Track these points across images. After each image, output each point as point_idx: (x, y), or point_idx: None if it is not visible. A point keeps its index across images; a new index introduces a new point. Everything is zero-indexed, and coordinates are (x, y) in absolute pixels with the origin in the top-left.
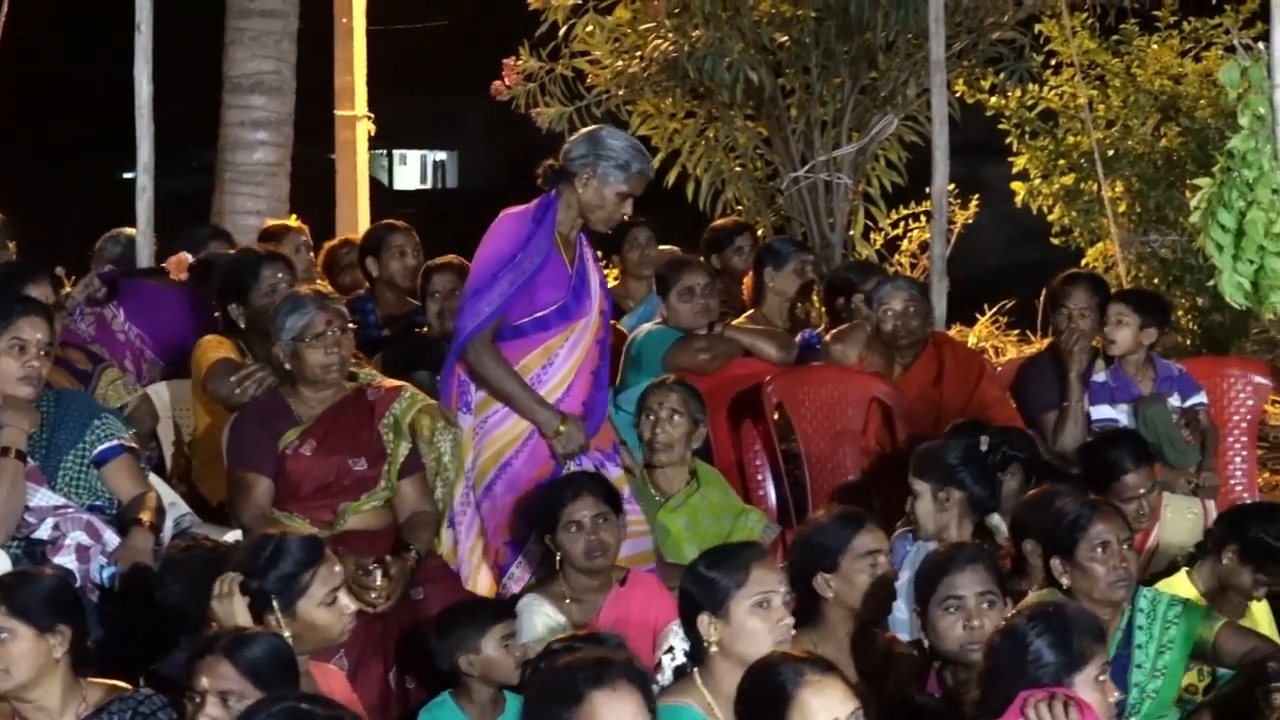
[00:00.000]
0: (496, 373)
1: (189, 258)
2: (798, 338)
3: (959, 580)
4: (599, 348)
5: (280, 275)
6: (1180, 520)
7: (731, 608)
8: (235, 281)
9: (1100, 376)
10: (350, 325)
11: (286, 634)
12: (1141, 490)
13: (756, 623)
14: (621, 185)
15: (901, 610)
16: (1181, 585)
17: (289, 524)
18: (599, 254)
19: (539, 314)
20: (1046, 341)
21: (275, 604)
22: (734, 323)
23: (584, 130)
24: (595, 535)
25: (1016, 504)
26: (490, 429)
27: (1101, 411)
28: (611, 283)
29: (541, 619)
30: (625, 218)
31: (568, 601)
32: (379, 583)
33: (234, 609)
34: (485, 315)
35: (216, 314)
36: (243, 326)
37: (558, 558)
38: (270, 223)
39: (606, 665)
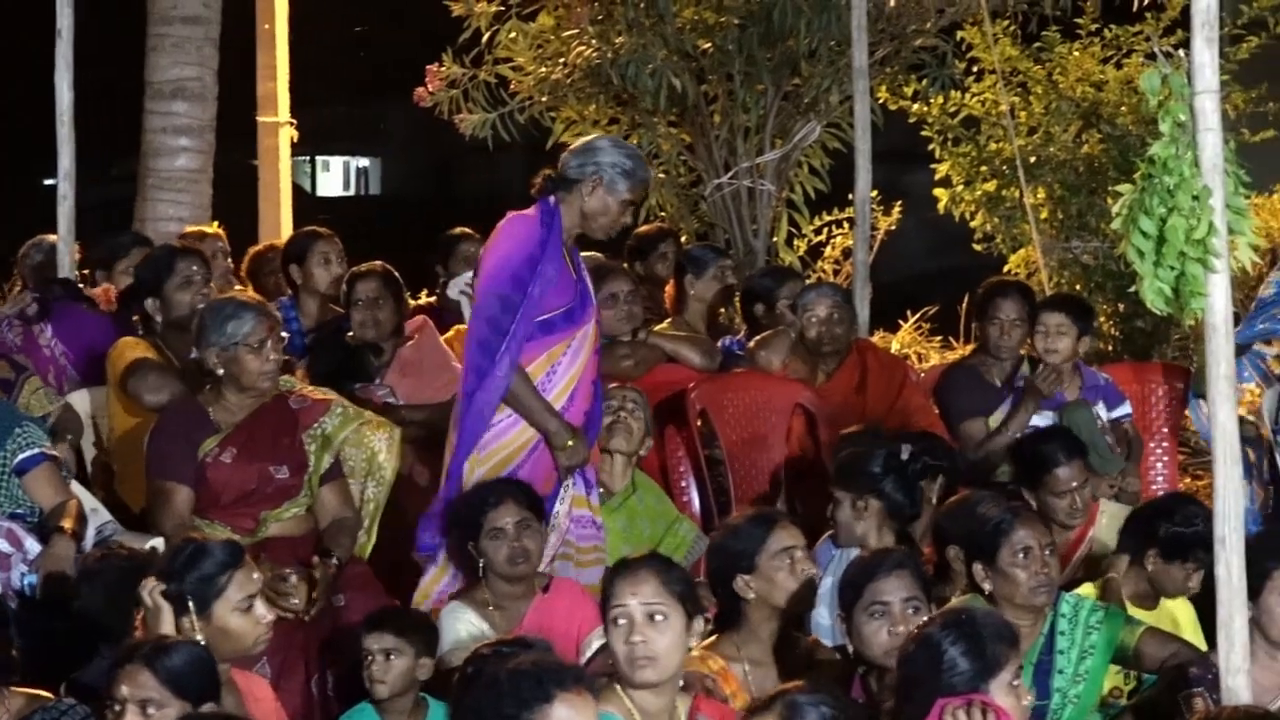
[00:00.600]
0: (516, 379)
1: (113, 289)
2: (719, 344)
3: (884, 586)
4: (596, 358)
5: (195, 269)
6: (1116, 526)
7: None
8: (150, 275)
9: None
10: (284, 334)
11: (200, 639)
12: (1074, 484)
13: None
14: (626, 193)
15: (824, 616)
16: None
17: (210, 532)
18: None
19: (545, 317)
20: (970, 348)
21: (190, 606)
22: (656, 329)
23: (584, 140)
24: (518, 542)
25: (939, 510)
26: (495, 436)
27: (1043, 415)
28: None
29: (465, 627)
30: (623, 226)
31: (491, 609)
32: (297, 591)
33: (159, 616)
34: (516, 328)
35: (135, 316)
36: (159, 320)
37: (480, 565)
38: (189, 228)
39: (565, 669)
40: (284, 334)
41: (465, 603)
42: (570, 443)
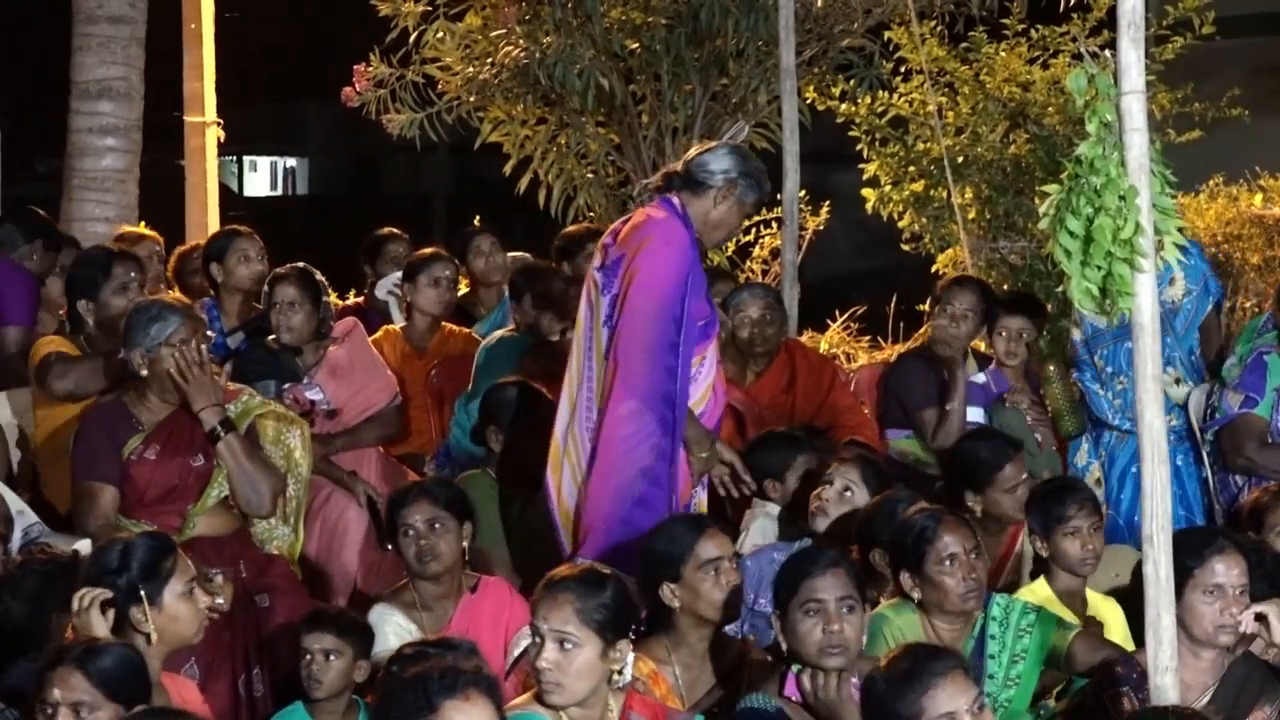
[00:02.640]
0: None
1: None
2: None
3: (819, 584)
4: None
5: (132, 275)
6: None
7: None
8: (85, 277)
9: (979, 378)
10: (210, 335)
11: (151, 629)
12: (1021, 478)
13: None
14: (750, 208)
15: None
16: (1036, 593)
17: (136, 531)
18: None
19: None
20: (921, 338)
21: (143, 594)
22: None
23: (718, 144)
24: (427, 540)
25: (861, 513)
26: None
27: (975, 414)
28: (462, 290)
29: (392, 628)
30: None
31: (418, 609)
32: (223, 590)
33: (91, 623)
34: (683, 351)
35: (63, 311)
36: (91, 323)
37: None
38: (125, 229)
39: (458, 674)
40: (210, 335)
41: (393, 604)
42: (707, 452)
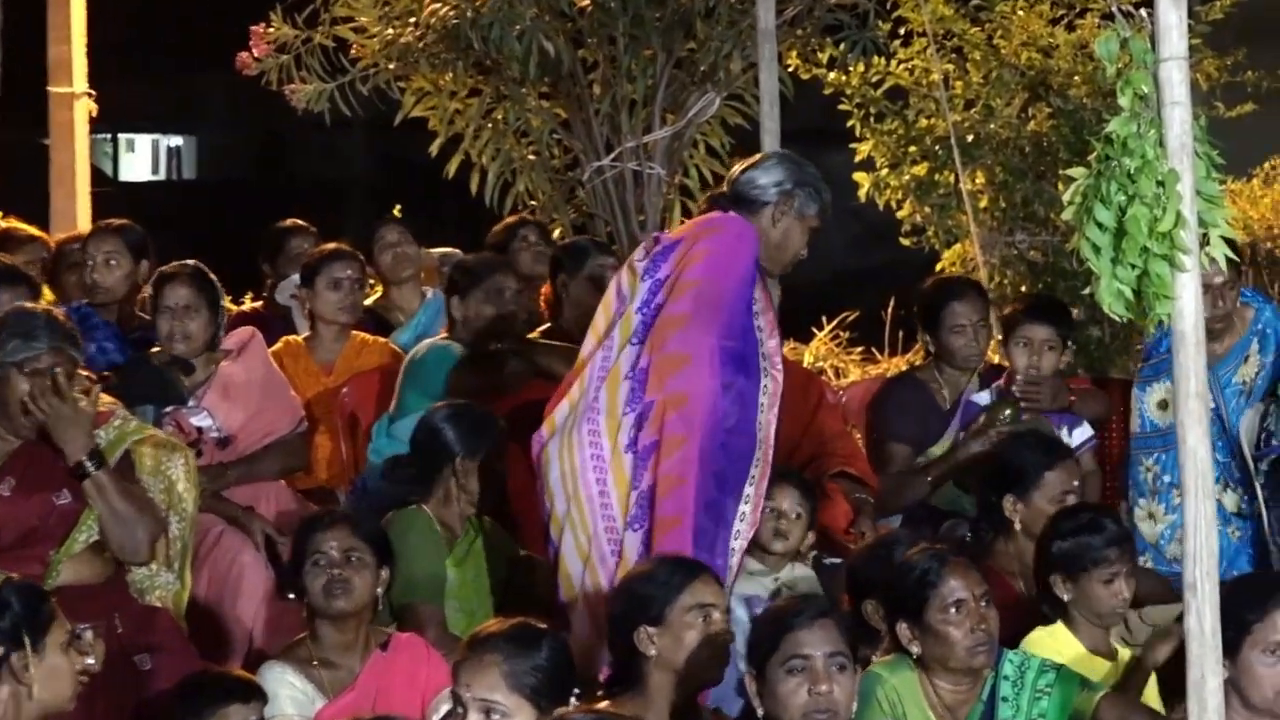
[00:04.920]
0: None
1: None
2: None
3: (805, 638)
4: None
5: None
6: None
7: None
8: None
9: (983, 398)
10: (79, 365)
11: (33, 680)
12: (1072, 485)
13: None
14: (815, 220)
15: None
16: (1063, 640)
17: None
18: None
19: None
20: (897, 360)
21: (27, 640)
22: (528, 338)
23: (762, 155)
24: (340, 571)
25: (852, 557)
26: None
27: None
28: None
29: (286, 690)
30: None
31: (316, 666)
32: (94, 649)
33: None
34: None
35: None
36: None
37: (304, 608)
38: (10, 224)
39: None
40: (79, 361)
41: (287, 662)
42: None
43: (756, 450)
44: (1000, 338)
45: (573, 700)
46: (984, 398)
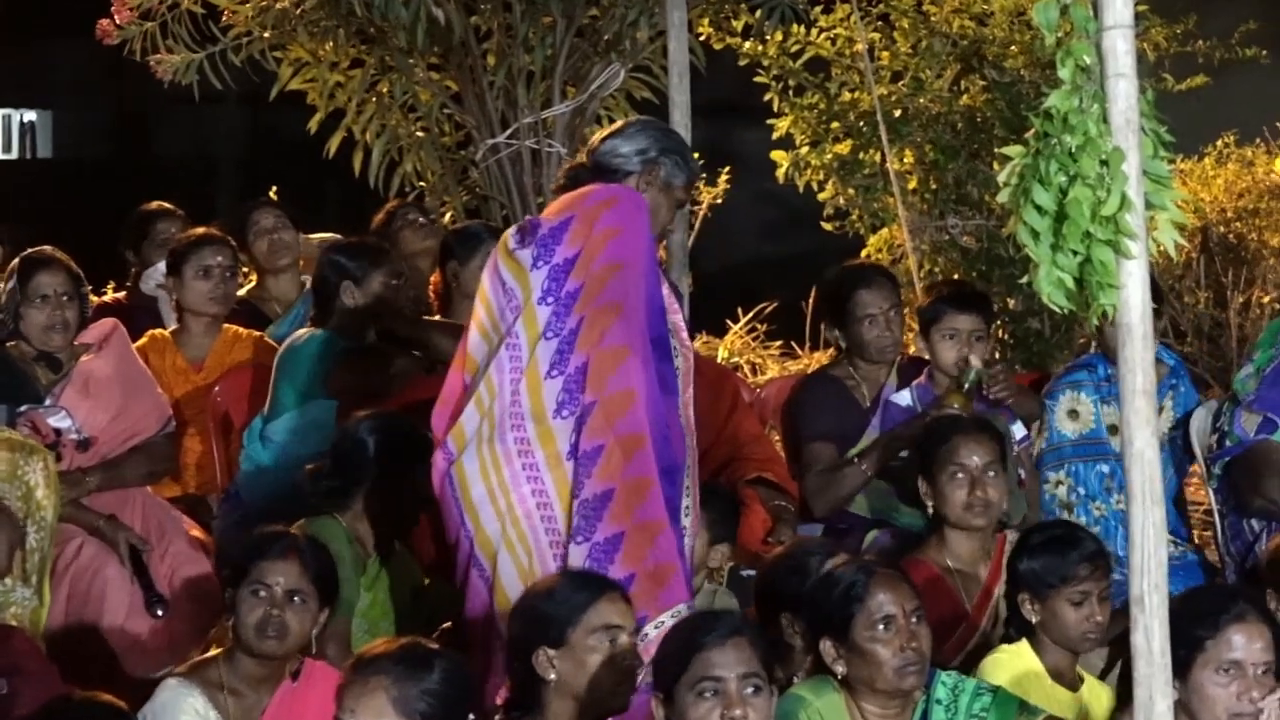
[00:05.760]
0: None
1: None
2: None
3: (717, 658)
4: None
5: None
6: None
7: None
8: None
9: (903, 398)
10: None
11: None
12: (979, 462)
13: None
14: (681, 190)
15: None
16: (1024, 659)
17: None
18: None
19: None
20: (820, 356)
21: None
22: (423, 318)
23: (623, 123)
24: (281, 613)
25: (765, 567)
26: None
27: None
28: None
29: (187, 716)
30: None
31: (225, 693)
32: None
33: None
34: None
35: None
36: None
37: (229, 626)
38: None
39: None
40: None
41: (193, 682)
42: None
43: (688, 438)
44: (918, 330)
45: None
46: (904, 397)
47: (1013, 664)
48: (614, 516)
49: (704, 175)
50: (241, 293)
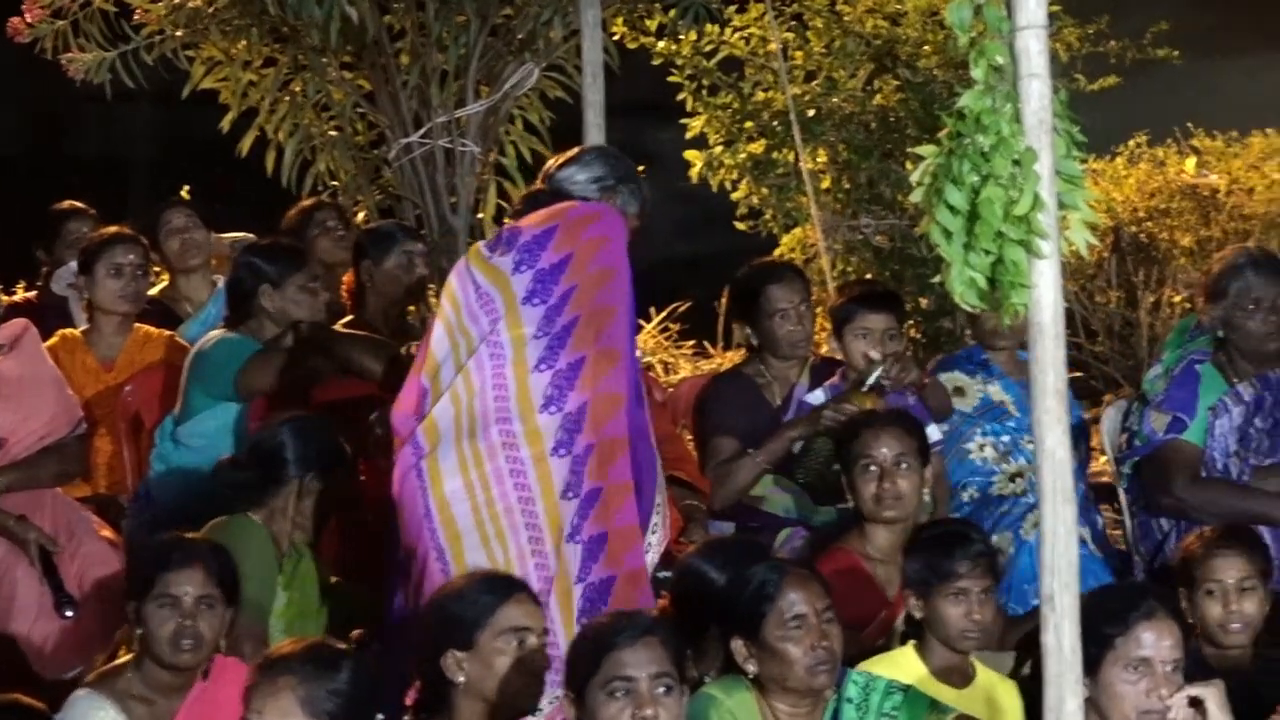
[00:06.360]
0: None
1: None
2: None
3: (628, 657)
4: None
5: None
6: None
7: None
8: None
9: (816, 397)
10: None
11: None
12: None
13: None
14: (635, 218)
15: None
16: (907, 663)
17: None
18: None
19: None
20: (732, 355)
21: None
22: (333, 330)
23: (577, 150)
24: (192, 622)
25: (677, 564)
26: None
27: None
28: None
29: None
30: None
31: (135, 701)
32: None
33: None
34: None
35: None
36: None
37: (136, 637)
38: None
39: None
40: None
41: (103, 692)
42: None
43: (655, 450)
44: (831, 330)
45: None
46: (818, 396)
47: (890, 668)
48: (598, 517)
49: None
50: (153, 292)
